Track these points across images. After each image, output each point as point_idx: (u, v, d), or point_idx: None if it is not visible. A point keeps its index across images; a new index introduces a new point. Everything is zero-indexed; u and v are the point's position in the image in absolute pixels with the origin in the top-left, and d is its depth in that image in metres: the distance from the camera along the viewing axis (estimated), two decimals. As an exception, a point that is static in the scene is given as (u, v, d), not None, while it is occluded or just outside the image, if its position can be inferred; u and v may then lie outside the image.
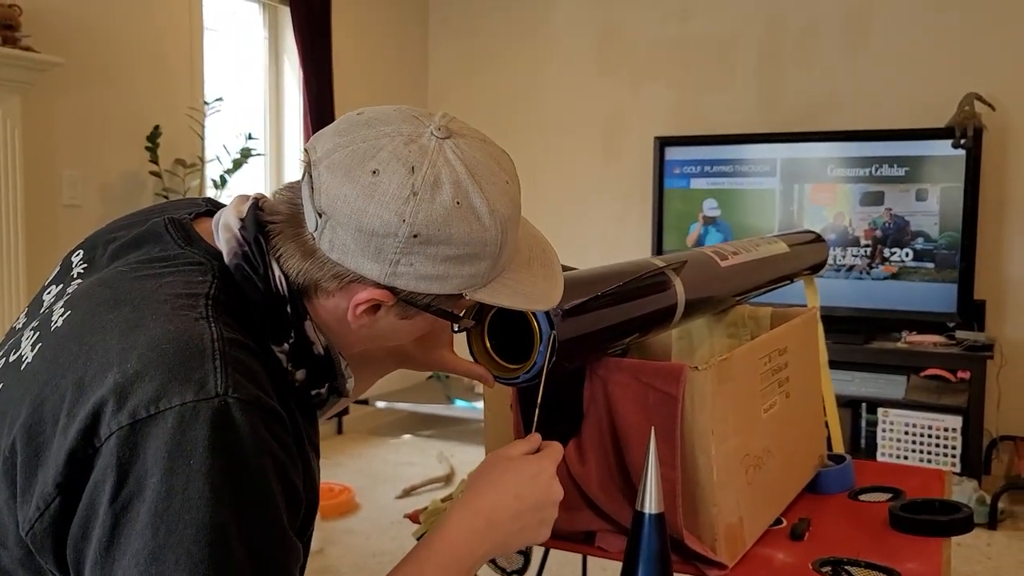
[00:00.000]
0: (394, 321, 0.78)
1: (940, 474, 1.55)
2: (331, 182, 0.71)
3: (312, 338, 0.78)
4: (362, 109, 0.77)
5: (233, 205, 0.79)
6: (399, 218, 0.70)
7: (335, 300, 0.76)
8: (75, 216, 2.96)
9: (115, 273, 0.77)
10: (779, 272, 1.61)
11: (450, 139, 0.74)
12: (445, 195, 0.71)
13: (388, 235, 0.71)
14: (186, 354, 0.67)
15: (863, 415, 3.53)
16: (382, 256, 0.72)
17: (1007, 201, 3.62)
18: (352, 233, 0.71)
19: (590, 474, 1.10)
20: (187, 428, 0.64)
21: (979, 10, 3.63)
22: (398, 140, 0.72)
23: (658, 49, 4.22)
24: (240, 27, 3.90)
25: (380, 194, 0.70)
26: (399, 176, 0.70)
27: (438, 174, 0.71)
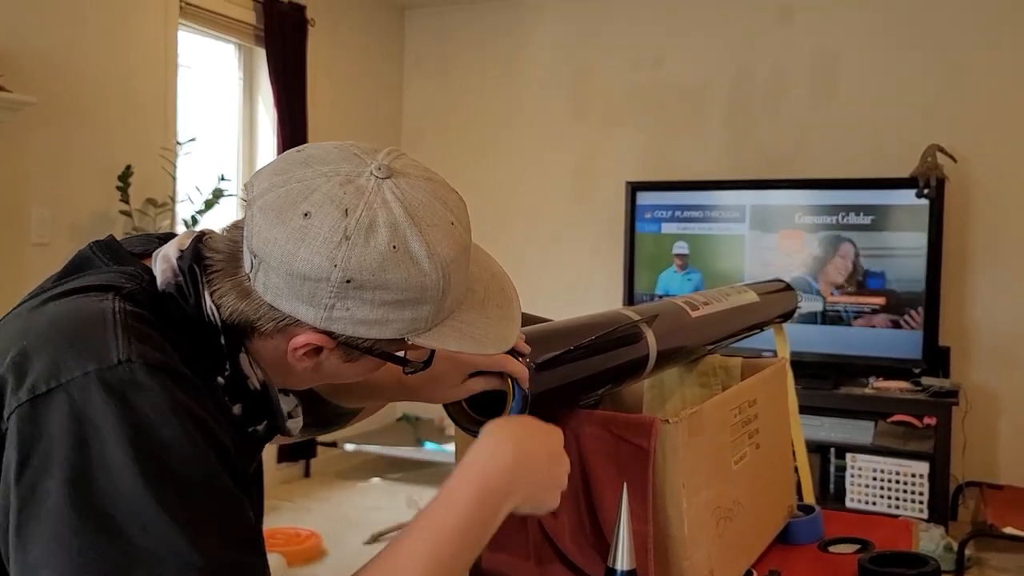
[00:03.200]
0: (338, 364, 0.76)
1: (908, 525, 1.56)
2: (263, 224, 0.69)
3: (247, 372, 0.75)
4: (304, 146, 0.75)
5: (177, 239, 0.77)
6: (330, 263, 0.67)
7: (274, 342, 0.74)
8: (43, 254, 2.92)
9: (39, 290, 0.76)
10: (749, 321, 1.63)
11: (391, 179, 0.71)
12: (380, 239, 0.68)
13: (320, 280, 0.68)
14: (85, 326, 0.66)
15: (832, 460, 3.55)
16: (316, 300, 0.69)
17: (969, 250, 3.71)
18: (284, 277, 0.69)
19: (562, 527, 1.10)
20: (91, 398, 0.62)
21: (941, 65, 3.74)
22: (334, 180, 0.69)
23: (630, 94, 4.30)
24: (215, 67, 3.92)
25: (311, 238, 0.67)
26: (331, 219, 0.67)
27: (374, 217, 0.68)
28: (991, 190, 3.68)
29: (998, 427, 3.68)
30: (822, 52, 3.95)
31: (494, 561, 1.14)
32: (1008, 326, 3.66)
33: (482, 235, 4.13)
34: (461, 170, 4.67)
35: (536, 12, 4.47)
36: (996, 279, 3.68)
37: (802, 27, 3.98)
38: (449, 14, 4.67)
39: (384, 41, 4.67)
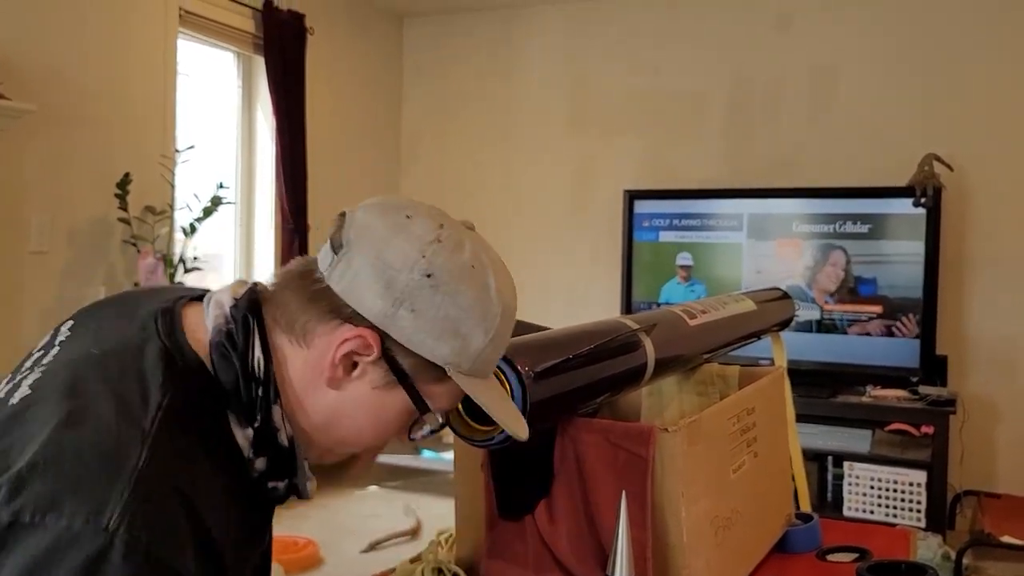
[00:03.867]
0: (365, 391, 0.77)
1: (906, 534, 1.56)
2: (364, 216, 0.76)
3: (278, 424, 0.76)
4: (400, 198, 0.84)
5: (231, 286, 0.80)
6: (419, 253, 0.74)
7: (318, 348, 0.75)
8: (42, 262, 2.93)
9: (85, 358, 0.74)
10: (747, 330, 1.63)
11: (474, 231, 0.81)
12: (465, 255, 0.76)
13: (403, 268, 0.73)
14: (101, 465, 0.63)
15: (829, 469, 3.55)
16: (389, 291, 0.73)
17: (966, 259, 3.72)
18: (370, 261, 0.74)
19: (560, 535, 1.10)
20: (58, 555, 0.60)
21: (938, 74, 3.76)
22: (433, 211, 0.79)
23: (628, 102, 4.31)
24: (213, 75, 3.92)
25: (408, 232, 0.75)
26: (429, 225, 0.76)
27: (461, 239, 0.77)
28: (988, 199, 3.69)
29: (995, 436, 3.68)
30: (819, 62, 3.96)
31: (493, 569, 1.14)
32: (1005, 335, 3.67)
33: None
34: (459, 178, 4.68)
35: (534, 20, 4.49)
36: (993, 288, 3.69)
37: (799, 37, 3.99)
38: (447, 23, 4.69)
39: (383, 49, 4.68)
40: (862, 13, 3.89)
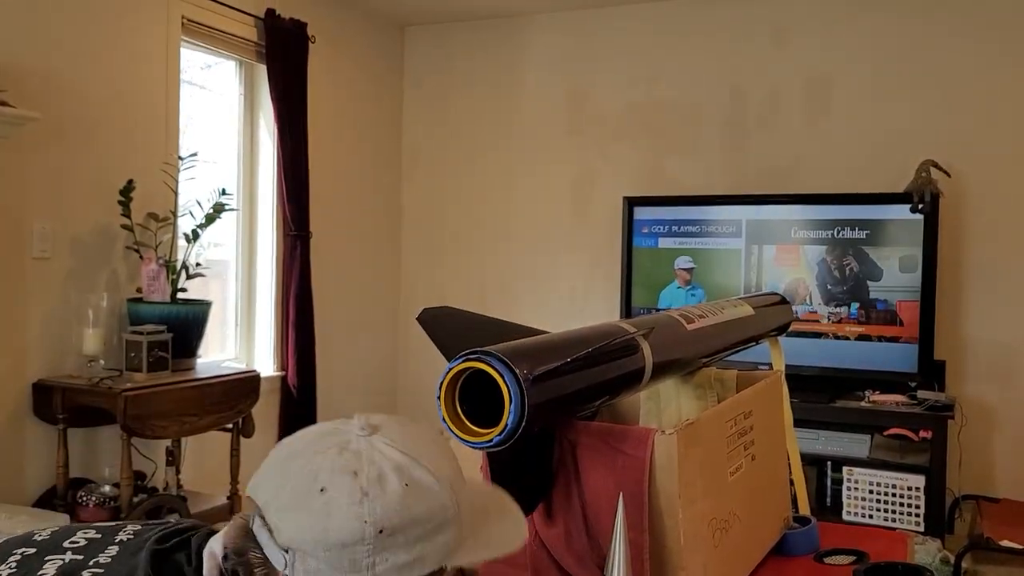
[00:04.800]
0: None
1: (903, 537, 1.58)
2: (287, 521, 0.74)
3: None
4: (279, 445, 0.80)
5: (223, 533, 0.81)
6: (360, 522, 0.73)
7: None
8: (44, 268, 2.94)
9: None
10: (745, 334, 1.64)
11: (377, 434, 0.78)
12: (393, 483, 0.75)
13: (356, 542, 0.73)
14: None
15: (829, 473, 3.56)
16: (357, 566, 0.74)
17: (964, 264, 3.73)
18: (322, 555, 0.73)
19: (558, 537, 1.11)
20: None
21: (935, 81, 3.78)
22: (330, 454, 0.76)
23: (626, 111, 4.33)
24: (216, 83, 3.95)
25: (335, 509, 0.73)
26: (346, 486, 0.74)
27: (380, 468, 0.75)
28: (985, 204, 3.71)
29: (994, 440, 3.69)
30: (815, 70, 3.98)
31: (491, 571, 1.15)
32: (1003, 339, 3.68)
33: (480, 250, 4.19)
34: (460, 185, 4.70)
35: (534, 30, 4.52)
36: (990, 293, 3.70)
37: (796, 45, 4.02)
38: (448, 32, 4.71)
39: (384, 58, 4.71)
40: (857, 23, 3.91)
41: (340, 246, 4.34)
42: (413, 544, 0.75)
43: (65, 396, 2.86)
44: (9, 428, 2.86)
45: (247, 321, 4.01)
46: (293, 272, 3.93)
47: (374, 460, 0.76)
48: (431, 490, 0.76)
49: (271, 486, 0.77)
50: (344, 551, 0.73)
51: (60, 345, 2.99)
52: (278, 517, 0.75)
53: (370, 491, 0.74)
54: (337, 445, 0.77)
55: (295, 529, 0.74)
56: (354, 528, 0.73)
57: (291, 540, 0.74)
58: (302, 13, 3.99)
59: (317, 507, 0.73)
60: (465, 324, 1.25)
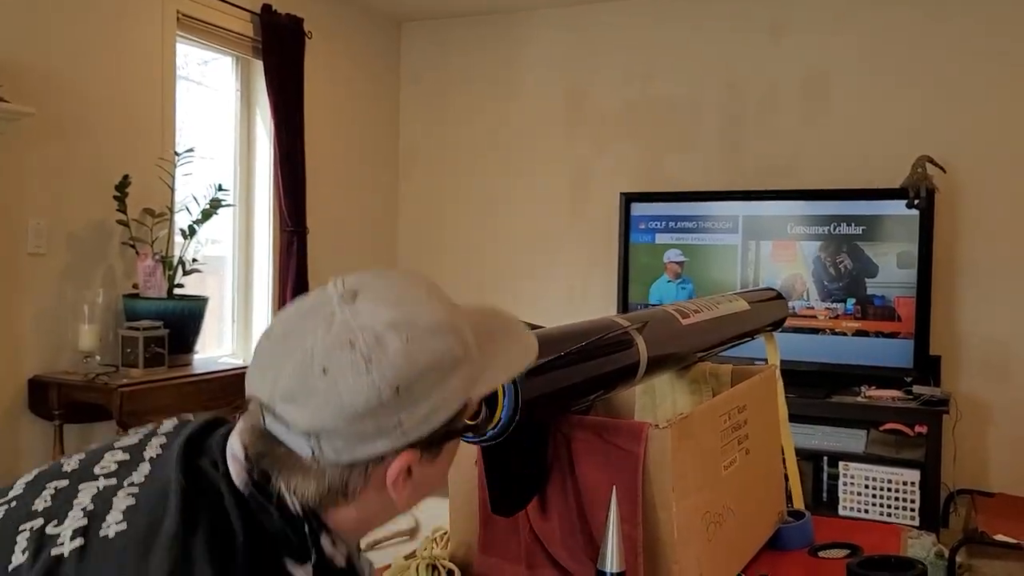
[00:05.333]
0: (429, 470, 0.79)
1: (896, 530, 1.58)
2: (296, 409, 0.72)
3: (330, 553, 0.77)
4: (264, 332, 0.78)
5: (237, 431, 0.79)
6: (373, 388, 0.71)
7: (371, 493, 0.77)
8: (40, 264, 2.94)
9: (175, 507, 0.75)
10: (740, 329, 1.65)
11: (357, 298, 0.75)
12: (392, 341, 0.72)
13: (377, 408, 0.71)
14: None
15: (825, 468, 3.57)
16: (384, 428, 0.73)
17: (959, 259, 3.74)
18: (346, 429, 0.72)
19: (553, 531, 1.11)
20: None
21: (931, 77, 3.79)
22: (319, 333, 0.73)
23: (624, 107, 4.33)
24: (212, 78, 3.94)
25: (343, 384, 0.71)
26: (347, 358, 0.71)
27: (374, 331, 0.73)
28: (980, 200, 3.72)
29: (988, 435, 3.70)
30: (813, 65, 3.99)
31: (486, 564, 1.16)
32: (998, 335, 3.69)
33: (478, 246, 4.20)
34: (457, 182, 4.70)
35: (532, 26, 4.51)
36: (986, 288, 3.71)
37: (793, 41, 4.02)
38: (445, 28, 4.71)
39: (381, 54, 4.70)
40: (854, 19, 3.91)
41: (337, 242, 4.34)
42: (431, 392, 0.74)
43: (61, 392, 2.86)
44: (5, 424, 2.86)
45: (244, 317, 4.01)
46: (290, 268, 3.93)
47: (365, 325, 0.73)
48: (433, 336, 0.74)
49: (268, 380, 0.74)
50: (367, 420, 0.72)
51: (56, 341, 2.99)
52: (287, 409, 0.73)
53: (372, 356, 0.72)
54: (323, 322, 0.73)
55: (310, 415, 0.72)
56: (369, 396, 0.71)
57: (309, 426, 0.72)
58: (298, 9, 3.99)
59: (324, 388, 0.71)
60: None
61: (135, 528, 0.73)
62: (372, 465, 0.74)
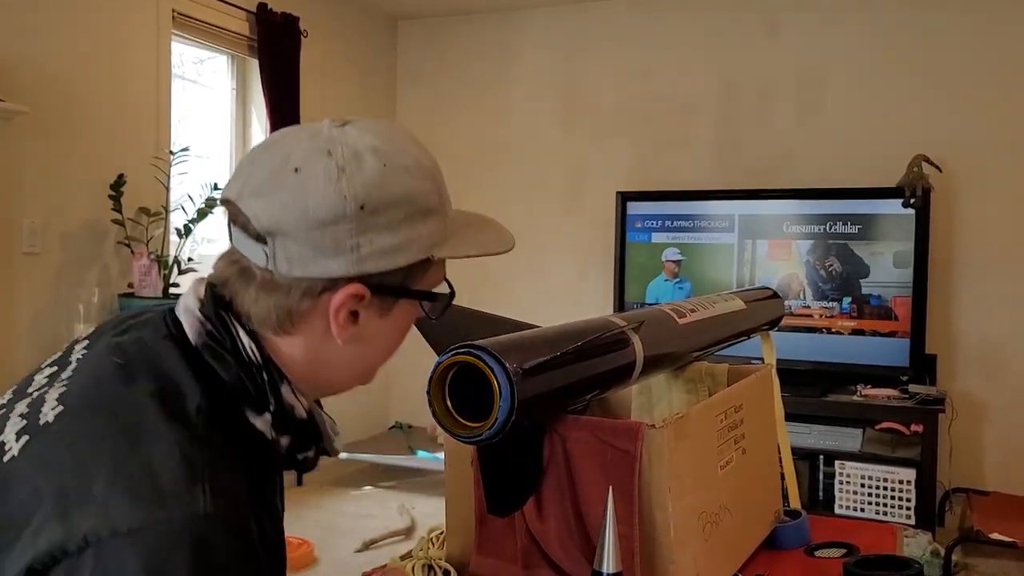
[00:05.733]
0: (376, 323, 0.77)
1: (892, 529, 1.59)
2: (261, 202, 0.72)
3: (291, 402, 0.77)
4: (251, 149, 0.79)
5: (191, 289, 0.79)
6: (339, 196, 0.71)
7: (315, 323, 0.75)
8: (34, 264, 2.93)
9: (111, 364, 0.75)
10: (736, 329, 1.65)
11: (348, 124, 0.76)
12: (370, 162, 0.72)
13: (338, 218, 0.71)
14: (175, 475, 0.66)
15: (821, 467, 3.57)
16: (341, 245, 0.71)
17: (955, 259, 3.75)
18: (304, 236, 0.71)
19: (549, 531, 1.11)
20: (170, 548, 0.62)
21: (927, 76, 3.79)
22: (303, 141, 0.73)
23: (619, 106, 4.33)
24: (208, 77, 3.93)
25: (312, 185, 0.71)
26: (321, 163, 0.71)
27: (355, 148, 0.73)
28: (976, 199, 3.72)
29: (984, 434, 3.71)
30: (808, 64, 3.99)
31: (482, 565, 1.15)
32: (993, 334, 3.70)
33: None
34: (453, 180, 4.65)
35: (528, 24, 4.51)
36: (981, 287, 3.72)
37: (789, 40, 4.02)
38: (441, 26, 4.70)
39: (377, 52, 4.70)
40: (850, 17, 3.92)
41: (333, 241, 4.33)
42: (397, 227, 0.73)
43: (56, 391, 2.85)
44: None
45: (239, 316, 4.00)
46: (285, 267, 3.92)
47: (348, 142, 0.73)
48: (411, 173, 0.74)
49: (242, 177, 0.74)
50: (326, 230, 0.71)
51: (51, 341, 2.98)
52: (251, 203, 0.72)
53: (346, 167, 0.71)
54: (309, 134, 0.74)
55: (272, 210, 0.71)
56: (334, 203, 0.70)
57: (269, 222, 0.71)
58: (294, 7, 3.98)
59: (292, 184, 0.71)
60: (456, 318, 1.25)
61: (71, 406, 0.72)
62: (322, 289, 0.73)
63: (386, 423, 4.62)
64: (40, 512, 0.65)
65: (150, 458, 0.66)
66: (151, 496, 0.64)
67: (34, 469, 0.68)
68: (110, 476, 0.65)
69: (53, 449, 0.69)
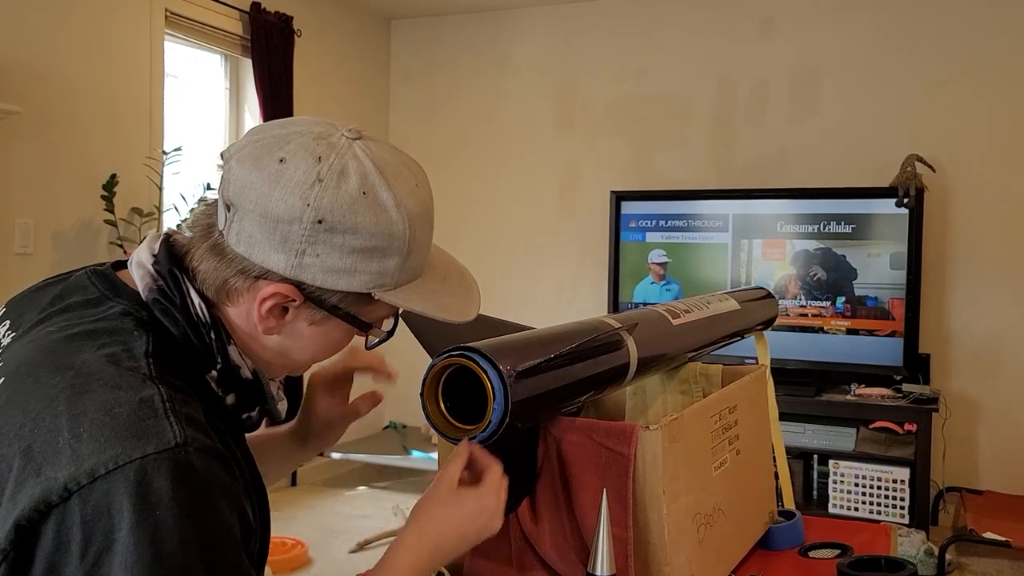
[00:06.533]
0: (304, 328, 0.79)
1: (886, 529, 1.58)
2: (239, 172, 0.73)
3: (238, 362, 0.78)
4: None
5: (146, 243, 0.80)
6: (303, 202, 0.71)
7: (244, 304, 0.77)
8: (26, 264, 2.92)
9: (47, 335, 0.76)
10: (730, 329, 1.65)
11: (360, 140, 0.76)
12: (351, 184, 0.73)
13: (293, 220, 0.72)
14: (140, 414, 0.67)
15: (815, 466, 3.58)
16: (288, 245, 0.73)
17: (948, 259, 3.75)
18: (258, 220, 0.72)
19: (543, 534, 1.11)
20: (151, 479, 0.64)
21: (920, 77, 3.80)
22: (307, 136, 0.75)
23: (614, 105, 4.33)
24: (201, 76, 3.92)
25: (286, 180, 0.72)
26: (305, 164, 0.72)
27: (345, 165, 0.73)
28: (969, 199, 3.73)
29: (977, 433, 3.72)
30: (803, 64, 3.99)
31: (476, 567, 1.15)
32: (986, 333, 3.71)
33: (467, 244, 4.20)
34: (447, 180, 4.69)
35: (522, 24, 4.51)
36: (974, 287, 3.73)
37: (783, 40, 4.02)
38: (435, 25, 4.70)
39: (370, 51, 4.69)
40: (844, 17, 3.92)
41: (327, 241, 4.33)
42: (347, 253, 0.74)
43: (48, 392, 2.84)
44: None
45: (233, 316, 3.99)
46: (279, 267, 3.91)
47: (344, 157, 0.74)
48: (386, 211, 0.74)
49: (245, 140, 0.76)
50: (279, 225, 0.72)
51: (43, 341, 2.97)
52: (236, 167, 0.74)
53: (326, 180, 0.72)
54: (318, 133, 0.75)
55: (243, 184, 0.73)
56: (294, 205, 0.72)
57: (236, 194, 0.73)
58: (287, 7, 3.97)
59: (270, 171, 0.72)
60: (449, 320, 1.25)
61: (13, 373, 0.72)
62: (257, 275, 0.75)
63: (380, 423, 4.62)
64: (12, 475, 0.66)
65: (108, 402, 0.67)
66: (120, 435, 0.65)
67: None
68: (72, 426, 0.66)
69: (4, 416, 0.70)
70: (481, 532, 0.88)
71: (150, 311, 0.76)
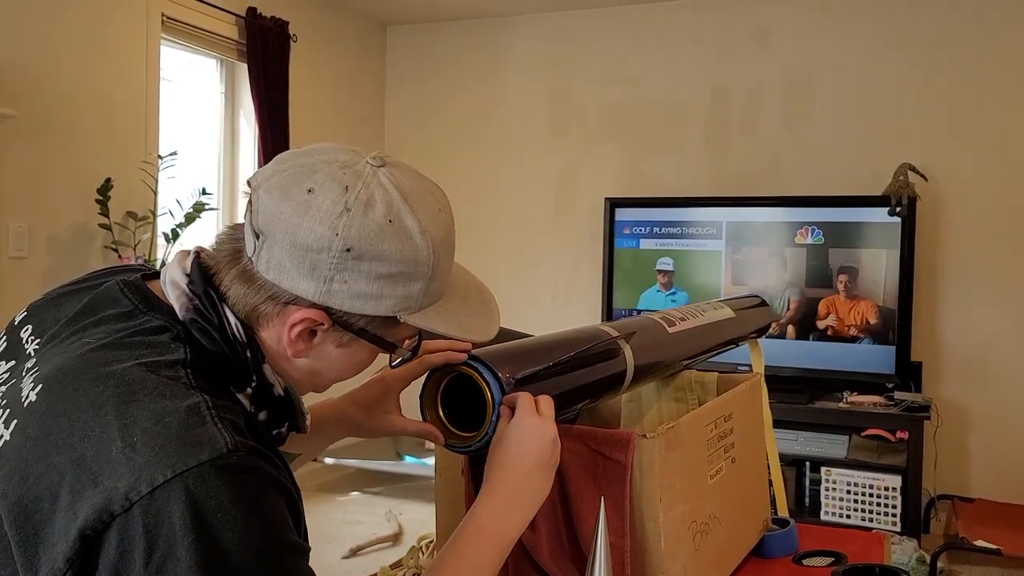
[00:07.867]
0: (331, 350, 0.80)
1: (880, 538, 1.59)
2: (268, 201, 0.75)
3: (271, 380, 0.80)
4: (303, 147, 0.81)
5: (176, 261, 0.81)
6: (332, 232, 0.73)
7: (275, 329, 0.78)
8: (20, 268, 2.91)
9: (83, 345, 0.76)
10: (725, 337, 1.65)
11: (384, 167, 0.79)
12: (377, 213, 0.75)
13: (322, 249, 0.73)
14: (189, 423, 0.69)
15: (807, 474, 3.59)
16: (317, 272, 0.74)
17: (940, 267, 3.78)
18: (287, 249, 0.74)
19: (540, 542, 1.11)
20: (208, 486, 0.66)
21: (913, 86, 3.82)
22: (334, 165, 0.76)
23: (608, 112, 4.34)
24: (196, 81, 3.92)
25: (315, 210, 0.74)
26: (333, 194, 0.74)
27: (371, 194, 0.75)
28: (961, 208, 3.75)
29: (969, 441, 3.74)
30: (796, 73, 4.01)
31: (474, 574, 1.15)
32: (978, 341, 3.73)
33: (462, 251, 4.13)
34: (441, 185, 4.68)
35: (517, 30, 4.52)
36: (966, 295, 3.75)
37: (777, 48, 4.05)
38: (431, 31, 4.71)
39: (366, 57, 4.69)
40: (838, 26, 3.94)
41: (321, 246, 4.32)
42: (374, 279, 0.75)
43: (41, 397, 2.83)
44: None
45: (227, 321, 3.98)
46: (273, 272, 3.91)
47: (370, 186, 0.76)
48: (411, 238, 0.76)
49: (271, 169, 0.78)
50: (308, 254, 0.74)
51: (36, 345, 2.96)
52: (265, 196, 0.75)
53: (353, 208, 0.74)
54: (344, 161, 0.77)
55: (272, 214, 0.74)
56: (323, 235, 0.73)
57: (266, 224, 0.75)
58: (283, 12, 3.97)
59: (299, 201, 0.74)
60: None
61: (53, 382, 0.73)
62: (287, 301, 0.76)
63: (373, 428, 4.61)
64: (65, 483, 0.67)
65: (157, 412, 0.69)
66: (173, 444, 0.67)
67: (37, 446, 0.70)
68: (125, 435, 0.67)
69: (48, 424, 0.70)
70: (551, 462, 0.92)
71: (185, 327, 0.77)
